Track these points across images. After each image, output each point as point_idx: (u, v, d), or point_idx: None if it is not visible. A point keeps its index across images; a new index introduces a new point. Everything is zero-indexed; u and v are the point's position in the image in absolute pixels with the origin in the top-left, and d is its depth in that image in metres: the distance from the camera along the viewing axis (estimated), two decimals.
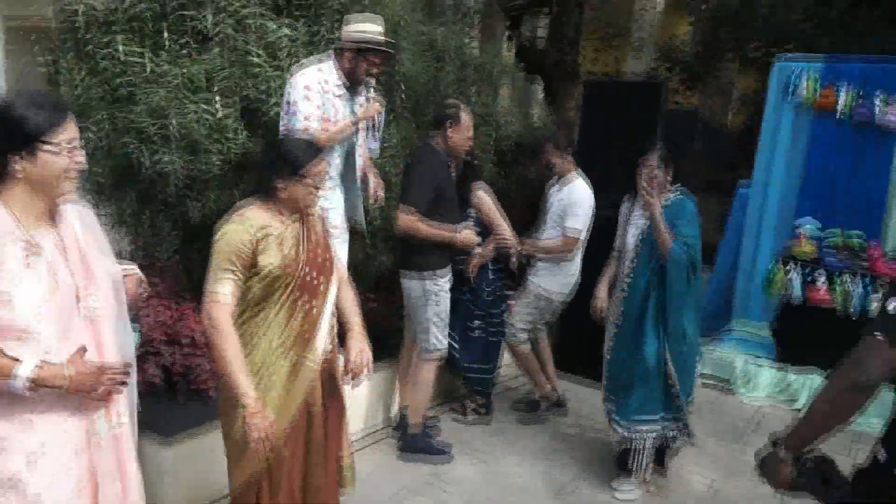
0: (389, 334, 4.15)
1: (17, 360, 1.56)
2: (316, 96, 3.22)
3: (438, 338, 3.71)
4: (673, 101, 8.24)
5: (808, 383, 4.70)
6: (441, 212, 3.59)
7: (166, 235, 3.80)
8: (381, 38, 3.34)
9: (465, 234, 3.72)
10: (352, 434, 3.77)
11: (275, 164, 2.24)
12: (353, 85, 3.38)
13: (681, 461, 3.84)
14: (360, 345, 2.41)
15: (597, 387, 3.97)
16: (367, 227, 3.82)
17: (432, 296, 3.63)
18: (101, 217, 4.11)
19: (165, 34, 3.61)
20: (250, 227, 2.16)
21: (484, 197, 4.04)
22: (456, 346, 4.05)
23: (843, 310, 4.75)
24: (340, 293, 2.43)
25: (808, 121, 5.33)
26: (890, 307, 1.51)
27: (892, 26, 6.89)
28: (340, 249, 3.46)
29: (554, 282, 4.21)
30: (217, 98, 3.48)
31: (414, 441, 3.78)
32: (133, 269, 2.00)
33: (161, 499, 2.90)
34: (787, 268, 5.03)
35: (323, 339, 2.30)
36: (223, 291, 2.10)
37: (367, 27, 3.29)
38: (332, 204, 3.44)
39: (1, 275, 1.56)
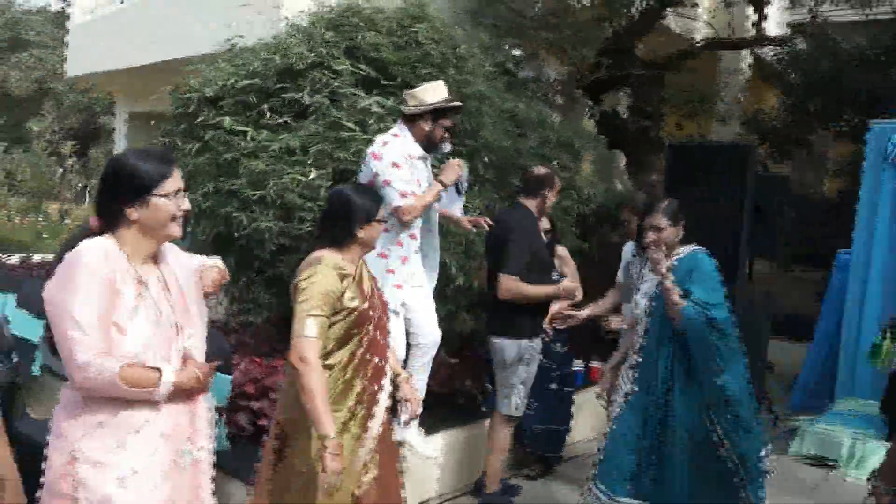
0: (470, 397, 4.14)
1: (157, 369, 1.75)
2: (405, 168, 3.25)
3: (521, 400, 3.67)
4: (762, 169, 8.04)
5: None
6: (534, 274, 3.61)
7: (260, 296, 4.00)
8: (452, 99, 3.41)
9: (565, 283, 3.78)
10: (430, 498, 3.74)
11: (353, 212, 2.36)
12: (428, 150, 3.44)
13: None
14: (408, 386, 2.55)
15: None
16: (450, 287, 3.89)
17: (525, 358, 3.62)
18: None
19: (267, 111, 3.94)
20: (337, 271, 2.27)
21: (566, 254, 4.08)
22: (531, 408, 3.98)
23: None
24: None
25: None
26: None
27: None
28: (428, 310, 3.51)
29: None
30: (311, 164, 3.71)
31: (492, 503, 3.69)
32: (216, 261, 2.12)
33: None
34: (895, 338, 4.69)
35: (391, 370, 2.42)
36: (313, 331, 2.17)
37: (438, 92, 3.36)
38: (414, 266, 3.50)
39: (121, 308, 1.73)
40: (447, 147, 3.46)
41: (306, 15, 4.29)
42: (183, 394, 1.83)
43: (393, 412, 2.53)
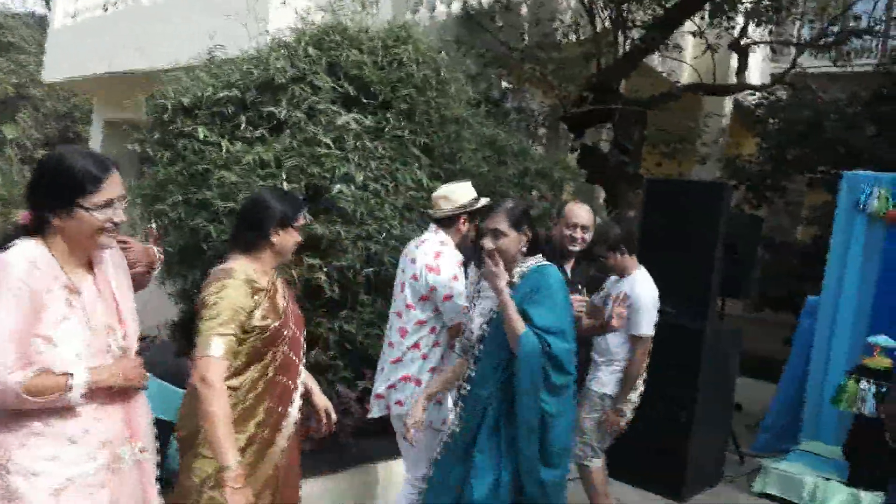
0: None
1: (65, 373, 1.65)
2: (461, 279, 2.99)
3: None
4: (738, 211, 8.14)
5: None
6: None
7: None
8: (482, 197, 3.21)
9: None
10: None
11: (268, 215, 2.18)
12: (464, 254, 3.17)
13: None
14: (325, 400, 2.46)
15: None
16: None
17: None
18: (166, 293, 4.37)
19: (243, 123, 3.90)
20: (249, 285, 2.09)
21: None
22: None
23: None
24: None
25: (881, 233, 5.14)
26: None
27: None
28: None
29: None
30: (284, 179, 3.66)
31: None
32: (140, 242, 2.04)
33: None
34: (861, 384, 4.70)
35: (300, 390, 2.27)
36: (219, 351, 2.00)
37: (468, 191, 3.13)
38: None
39: (46, 318, 1.65)
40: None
41: (290, 30, 4.28)
42: (116, 394, 1.76)
43: None
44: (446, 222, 3.08)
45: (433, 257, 2.98)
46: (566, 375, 2.40)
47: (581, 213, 3.42)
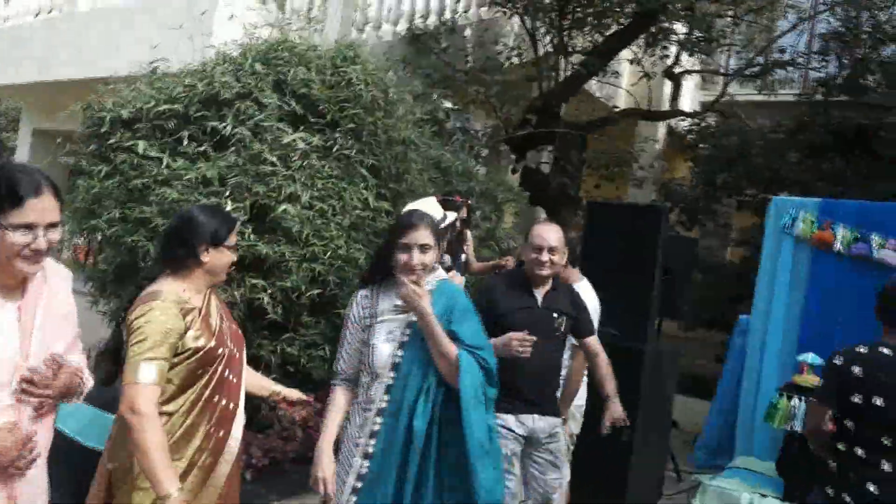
0: None
1: None
2: None
3: None
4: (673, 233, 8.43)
5: None
6: None
7: None
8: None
9: None
10: None
11: (197, 233, 2.08)
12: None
13: None
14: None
15: None
16: None
17: None
18: (100, 313, 4.19)
19: (185, 138, 3.79)
20: (176, 306, 2.01)
21: None
22: None
23: None
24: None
25: (807, 254, 5.39)
26: None
27: (883, 176, 7.18)
28: None
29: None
30: (227, 196, 3.58)
31: None
32: (75, 360, 1.90)
33: None
34: (792, 401, 4.91)
35: (243, 413, 2.19)
36: (149, 377, 1.91)
37: (438, 208, 3.16)
38: None
39: None
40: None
41: (237, 45, 4.20)
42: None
43: None
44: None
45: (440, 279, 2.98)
46: (496, 388, 2.36)
47: (547, 233, 3.05)
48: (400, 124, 4.37)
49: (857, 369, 2.86)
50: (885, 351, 2.87)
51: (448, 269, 3.07)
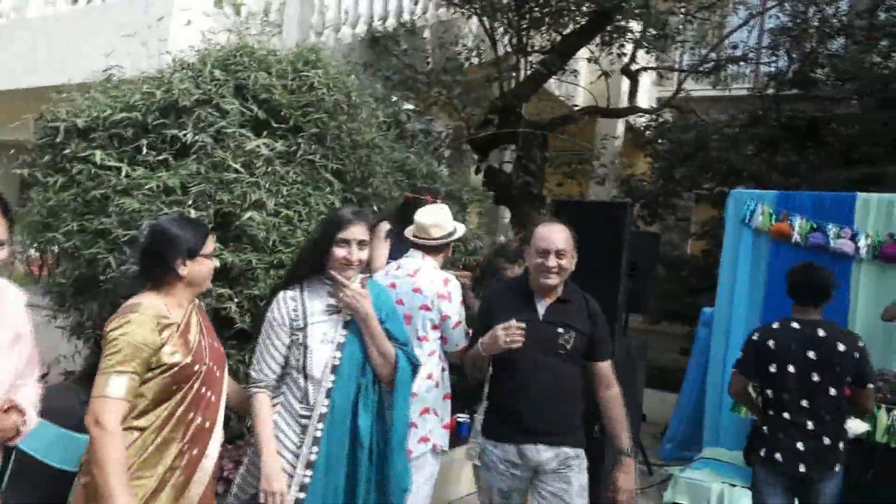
0: None
1: None
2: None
3: None
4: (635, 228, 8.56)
5: None
6: None
7: None
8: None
9: None
10: None
11: (171, 248, 2.05)
12: None
13: None
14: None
15: None
16: None
17: None
18: (59, 328, 4.06)
19: (144, 146, 3.70)
20: (153, 320, 1.98)
21: None
22: None
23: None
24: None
25: (766, 246, 5.54)
26: None
27: (836, 167, 7.40)
28: None
29: None
30: (190, 205, 3.50)
31: None
32: (28, 390, 1.86)
33: None
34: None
35: (220, 433, 2.16)
36: (118, 391, 1.89)
37: (451, 217, 3.23)
38: None
39: None
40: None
41: (194, 51, 4.12)
42: None
43: None
44: (434, 249, 3.09)
45: (443, 284, 2.96)
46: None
47: (552, 234, 2.71)
48: (363, 128, 4.33)
49: (771, 342, 3.28)
50: (794, 325, 3.28)
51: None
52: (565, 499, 2.58)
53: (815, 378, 3.14)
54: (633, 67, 8.36)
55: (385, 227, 3.70)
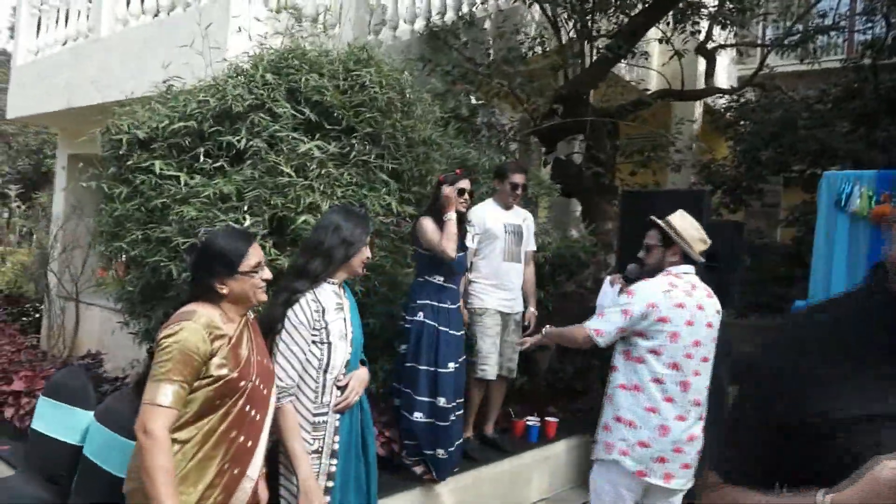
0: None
1: None
2: None
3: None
4: (716, 221, 8.11)
5: None
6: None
7: None
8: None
9: None
10: None
11: (210, 267, 2.03)
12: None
13: None
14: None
15: None
16: None
17: None
18: (132, 334, 4.17)
19: (201, 154, 3.73)
20: (205, 330, 1.96)
21: None
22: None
23: None
24: None
25: (866, 231, 5.07)
26: None
27: None
28: None
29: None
30: (246, 211, 3.50)
31: None
32: None
33: None
34: None
35: (263, 452, 2.09)
36: (166, 400, 1.87)
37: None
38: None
39: None
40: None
41: (247, 56, 4.13)
42: None
43: None
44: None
45: (717, 300, 3.10)
46: None
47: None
48: (419, 125, 4.24)
49: None
50: None
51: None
52: None
53: None
54: (709, 45, 7.88)
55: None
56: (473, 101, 6.02)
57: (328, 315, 2.38)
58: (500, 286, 4.29)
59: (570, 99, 6.35)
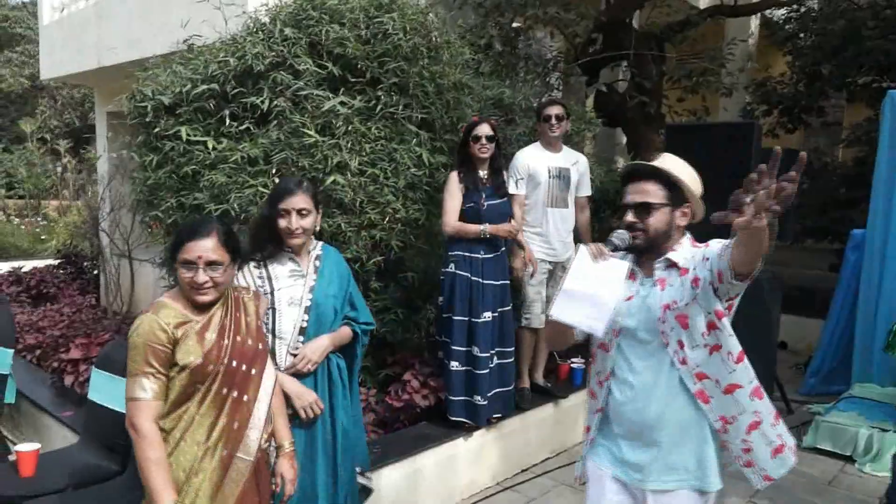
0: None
1: None
2: None
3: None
4: (773, 142, 7.68)
5: None
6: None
7: None
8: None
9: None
10: None
11: (170, 254, 2.06)
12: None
13: None
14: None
15: None
16: None
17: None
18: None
19: (227, 117, 3.67)
20: (165, 319, 1.97)
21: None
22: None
23: None
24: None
25: None
26: None
27: None
28: None
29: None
30: (275, 174, 3.45)
31: None
32: None
33: None
34: None
35: (257, 432, 2.09)
36: (143, 393, 1.93)
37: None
38: None
39: None
40: None
41: (265, 10, 3.99)
42: None
43: None
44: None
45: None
46: None
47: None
48: (448, 69, 4.06)
49: None
50: None
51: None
52: None
53: None
54: None
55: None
56: (516, 25, 5.69)
57: (276, 282, 2.41)
58: (542, 234, 4.19)
59: (613, 23, 5.99)
